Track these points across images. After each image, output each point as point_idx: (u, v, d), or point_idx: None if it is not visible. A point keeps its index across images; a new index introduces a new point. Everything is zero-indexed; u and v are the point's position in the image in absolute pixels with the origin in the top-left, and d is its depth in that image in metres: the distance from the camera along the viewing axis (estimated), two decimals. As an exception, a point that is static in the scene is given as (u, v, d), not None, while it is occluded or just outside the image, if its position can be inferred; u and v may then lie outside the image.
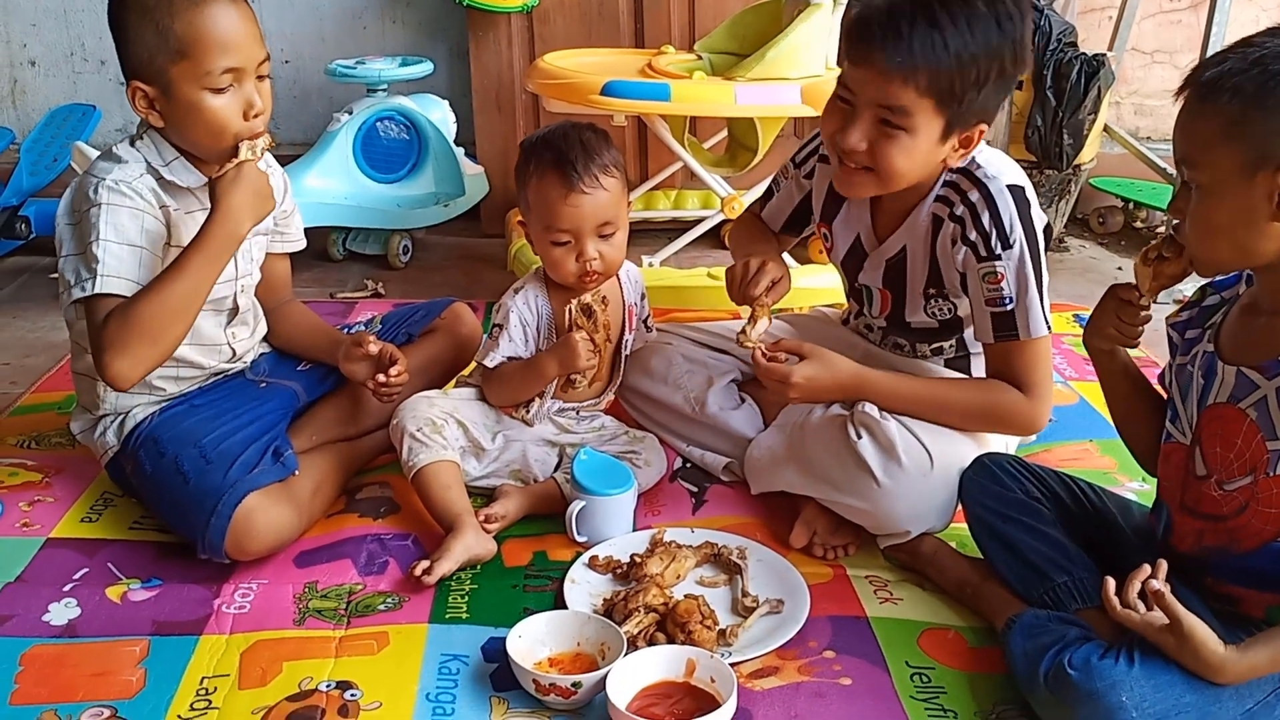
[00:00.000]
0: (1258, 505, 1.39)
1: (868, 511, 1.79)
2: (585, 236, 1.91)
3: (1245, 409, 1.39)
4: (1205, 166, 1.32)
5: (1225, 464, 1.42)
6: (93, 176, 1.77)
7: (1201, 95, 1.31)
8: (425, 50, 3.68)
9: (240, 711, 1.49)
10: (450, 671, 1.56)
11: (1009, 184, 1.75)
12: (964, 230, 1.76)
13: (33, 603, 1.70)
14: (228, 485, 1.75)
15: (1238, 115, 1.28)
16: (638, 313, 2.13)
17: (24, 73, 3.77)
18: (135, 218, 1.75)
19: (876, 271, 1.92)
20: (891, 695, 1.53)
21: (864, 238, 1.93)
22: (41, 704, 1.50)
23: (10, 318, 2.96)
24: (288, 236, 2.09)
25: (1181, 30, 3.81)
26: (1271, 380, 1.36)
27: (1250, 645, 1.33)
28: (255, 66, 1.76)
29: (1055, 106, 3.35)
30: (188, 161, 1.82)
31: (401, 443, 1.92)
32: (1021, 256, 1.73)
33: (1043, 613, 1.52)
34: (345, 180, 3.26)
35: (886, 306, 1.95)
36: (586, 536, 1.85)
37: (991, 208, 1.74)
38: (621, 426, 2.12)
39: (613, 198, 1.92)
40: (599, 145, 1.92)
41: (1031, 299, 1.74)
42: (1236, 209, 1.31)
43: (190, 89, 1.72)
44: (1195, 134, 1.32)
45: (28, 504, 1.97)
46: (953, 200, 1.78)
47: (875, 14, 1.64)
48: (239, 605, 1.71)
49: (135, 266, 1.73)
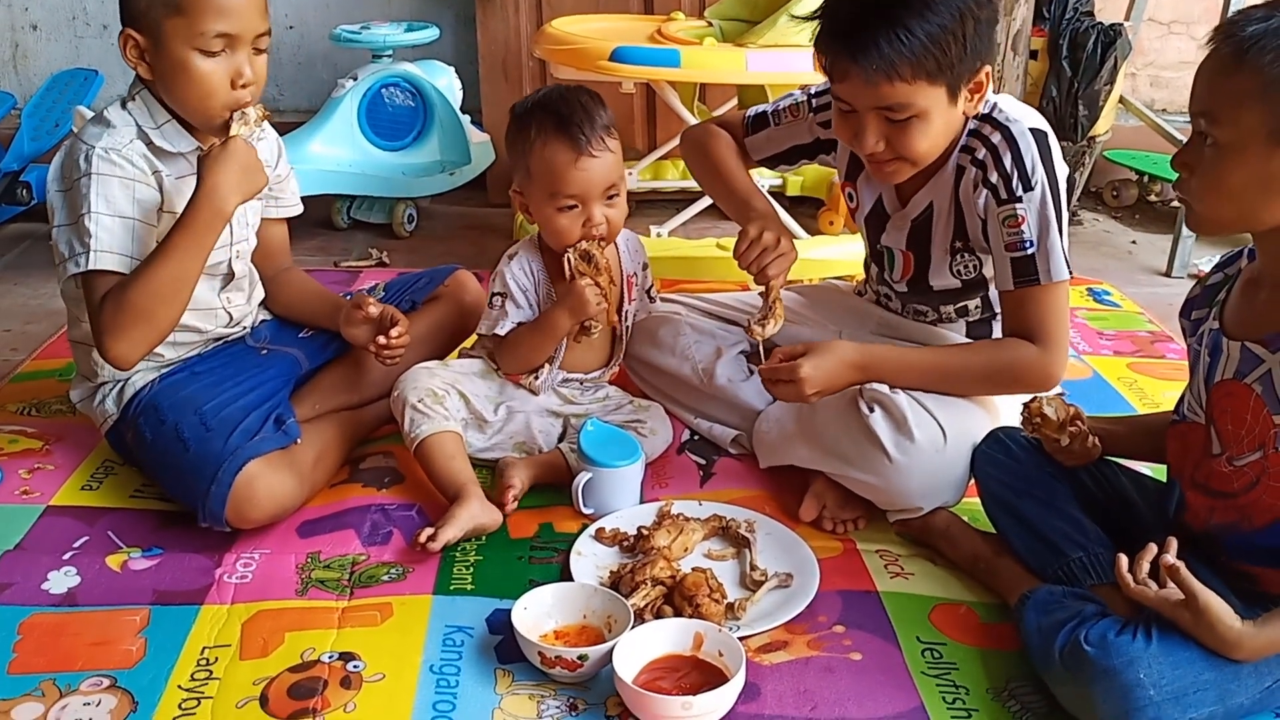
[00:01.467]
0: (1268, 480, 1.37)
1: (879, 487, 1.76)
2: (593, 201, 1.88)
3: (1251, 384, 1.37)
4: (1229, 124, 1.27)
5: (1236, 440, 1.40)
6: (82, 143, 1.74)
7: (1241, 50, 1.26)
8: (431, 16, 3.63)
9: (241, 682, 1.47)
10: (455, 643, 1.55)
11: (1031, 127, 1.73)
12: (985, 173, 1.73)
13: (32, 571, 1.69)
14: (228, 452, 1.73)
15: (1277, 79, 1.24)
16: (638, 282, 2.10)
17: (25, 37, 3.73)
18: (126, 187, 1.73)
19: (900, 233, 1.89)
20: (902, 671, 1.51)
21: (886, 199, 1.90)
22: (40, 673, 1.48)
23: (11, 284, 2.94)
24: (282, 201, 2.06)
25: (1198, 1, 3.76)
26: (1275, 354, 1.34)
27: (1267, 620, 1.32)
28: (253, 38, 1.73)
29: (1071, 77, 3.31)
30: (180, 125, 1.79)
31: (403, 414, 1.90)
32: (1043, 198, 1.70)
33: (1057, 588, 1.50)
34: (350, 148, 3.23)
35: (909, 269, 1.91)
36: (593, 508, 1.83)
37: (1013, 148, 1.72)
38: (626, 396, 2.10)
39: (617, 160, 1.90)
40: (596, 107, 1.90)
41: (1053, 242, 1.71)
42: (1253, 173, 1.28)
43: (180, 46, 1.69)
44: (1226, 89, 1.28)
45: (28, 471, 1.95)
46: (974, 146, 1.75)
47: (839, 30, 1.64)
48: (241, 575, 1.69)
49: (128, 239, 1.72)
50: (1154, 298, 2.89)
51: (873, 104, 1.65)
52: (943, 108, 1.66)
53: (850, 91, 1.66)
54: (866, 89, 1.63)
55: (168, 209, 1.78)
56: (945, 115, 1.68)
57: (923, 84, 1.62)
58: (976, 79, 1.68)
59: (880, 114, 1.66)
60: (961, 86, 1.67)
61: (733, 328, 2.14)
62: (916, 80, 1.61)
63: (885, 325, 2.01)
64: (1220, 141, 1.28)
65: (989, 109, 1.75)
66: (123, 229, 1.72)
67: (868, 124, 1.68)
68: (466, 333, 2.19)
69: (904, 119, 1.65)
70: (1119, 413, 2.13)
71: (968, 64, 1.64)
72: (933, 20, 1.59)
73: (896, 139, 1.68)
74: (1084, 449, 1.60)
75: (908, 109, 1.64)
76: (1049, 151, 1.73)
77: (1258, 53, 1.24)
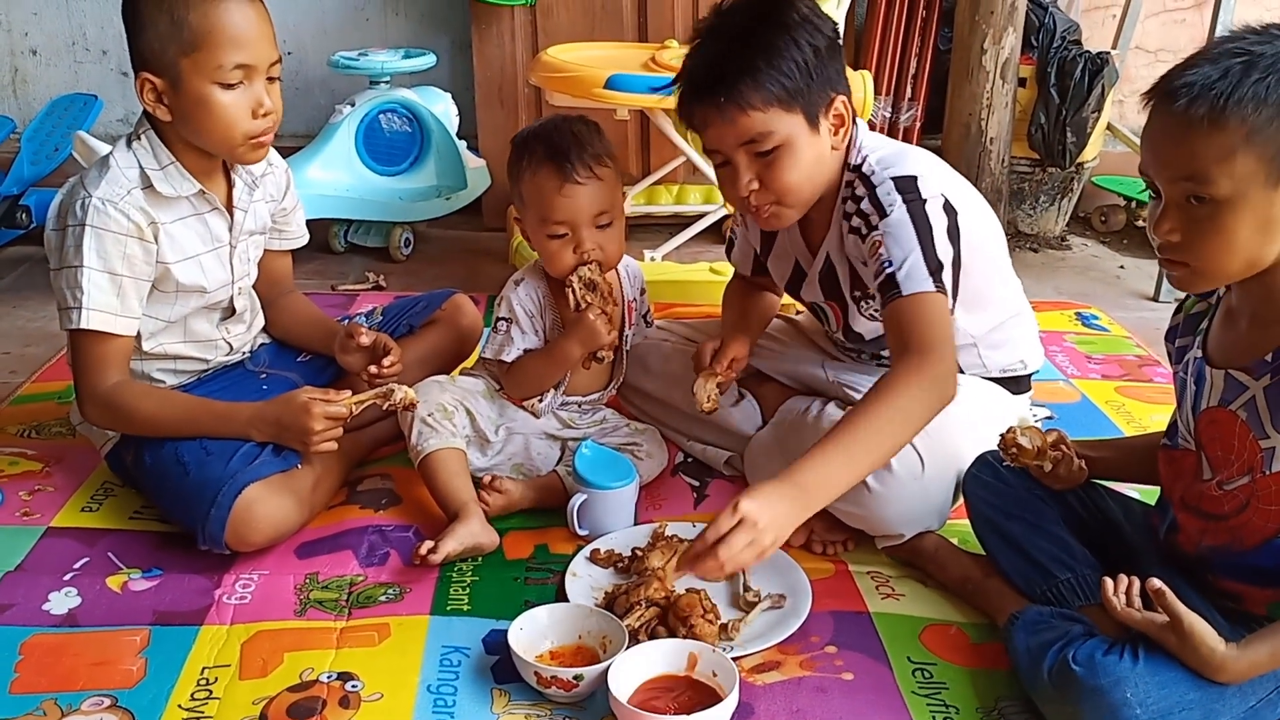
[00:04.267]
0: (1258, 503, 1.39)
1: (861, 515, 1.78)
2: (582, 227, 1.90)
3: (1235, 410, 1.39)
4: (1226, 178, 1.26)
5: (1225, 464, 1.42)
6: (82, 189, 1.77)
7: (1218, 109, 1.24)
8: (428, 43, 3.67)
9: (241, 702, 1.49)
10: (452, 663, 1.56)
11: (894, 176, 1.73)
12: (851, 221, 1.76)
13: (33, 592, 1.70)
14: (228, 476, 1.74)
15: (1263, 121, 1.23)
16: (637, 308, 2.12)
17: (25, 62, 3.76)
18: (118, 244, 1.75)
19: (815, 287, 1.92)
20: (893, 691, 1.53)
21: (801, 260, 1.94)
22: (42, 693, 1.50)
23: (11, 307, 2.96)
24: (287, 234, 2.08)
25: (1185, 29, 3.81)
26: (1259, 380, 1.36)
27: (1250, 642, 1.33)
28: (267, 66, 1.76)
29: (1059, 104, 3.35)
30: (183, 168, 1.81)
31: (411, 426, 1.91)
32: (900, 220, 1.68)
33: (1046, 609, 1.52)
34: (347, 172, 3.26)
35: (840, 320, 1.94)
36: (588, 530, 1.85)
37: (869, 189, 1.73)
38: (622, 419, 2.12)
39: (607, 187, 1.91)
40: (590, 136, 1.92)
41: (914, 260, 1.66)
42: (1258, 217, 1.27)
43: (200, 83, 1.71)
44: (1211, 149, 1.25)
45: (28, 493, 1.97)
46: (847, 197, 1.78)
47: (691, 85, 1.71)
48: (240, 596, 1.70)
49: (115, 296, 1.76)
50: (1141, 322, 2.92)
51: (736, 141, 1.68)
52: (805, 136, 1.69)
53: (717, 137, 1.70)
54: (726, 127, 1.67)
55: (161, 260, 1.81)
56: (811, 146, 1.70)
57: (776, 110, 1.65)
58: (835, 110, 1.71)
59: (748, 151, 1.68)
60: (819, 115, 1.69)
61: None
62: (769, 107, 1.65)
63: (831, 363, 2.04)
64: (1219, 197, 1.27)
65: (859, 162, 1.76)
66: (111, 285, 1.76)
67: (739, 164, 1.70)
68: (463, 356, 2.21)
69: (769, 150, 1.67)
70: (1107, 435, 2.16)
71: (817, 89, 1.67)
72: (771, 49, 1.64)
73: (768, 175, 1.69)
74: (1070, 473, 1.62)
75: (769, 137, 1.66)
76: (913, 185, 1.71)
77: (1237, 106, 1.24)
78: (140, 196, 1.78)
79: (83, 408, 1.84)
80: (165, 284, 1.83)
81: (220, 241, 1.89)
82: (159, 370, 1.92)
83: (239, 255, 1.92)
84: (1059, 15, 3.41)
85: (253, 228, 1.95)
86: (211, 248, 1.88)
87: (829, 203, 1.80)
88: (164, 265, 1.81)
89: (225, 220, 1.89)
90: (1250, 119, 1.24)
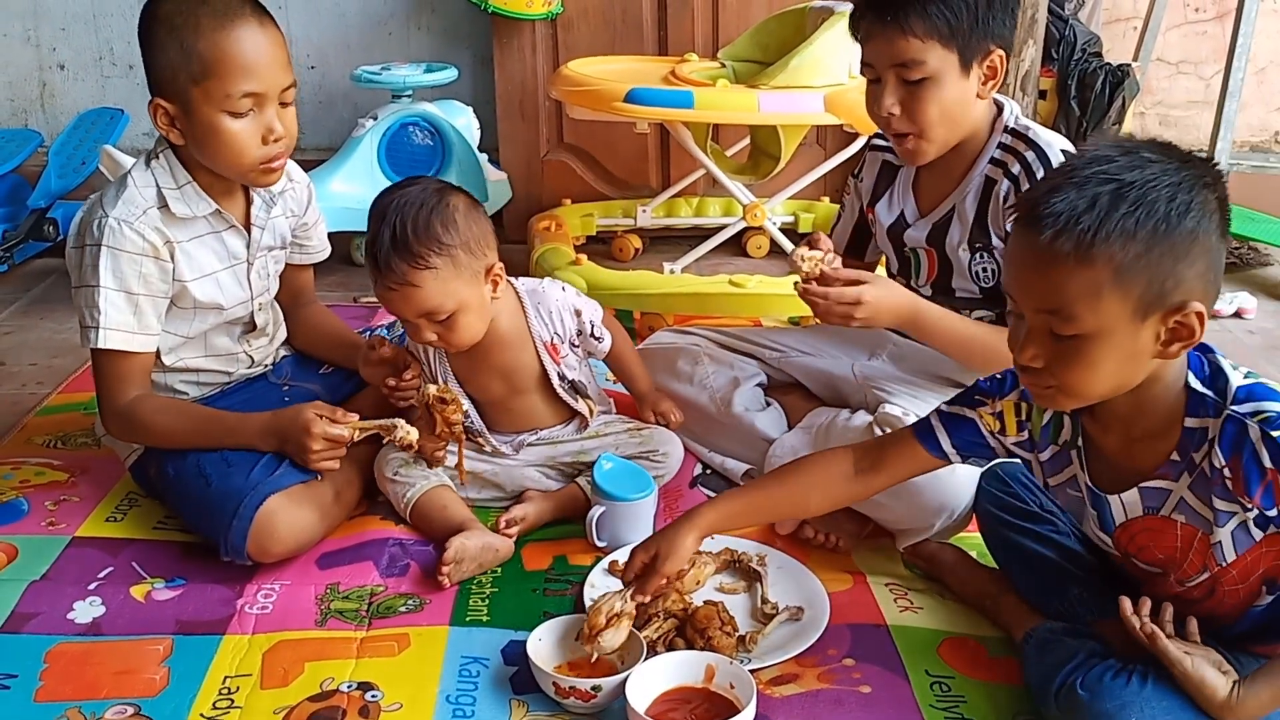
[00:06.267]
0: (1223, 589, 1.39)
1: (889, 505, 1.79)
2: (412, 323, 1.83)
3: (1170, 515, 1.36)
4: (1089, 316, 1.22)
5: (1176, 564, 1.40)
6: (100, 209, 1.79)
7: (1085, 245, 1.20)
8: (450, 57, 3.70)
9: (262, 711, 1.50)
10: (470, 674, 1.57)
11: (1064, 149, 1.82)
12: (1019, 187, 1.81)
13: (58, 601, 1.72)
14: (250, 487, 1.76)
15: (1131, 261, 1.20)
16: (564, 340, 1.97)
17: (53, 76, 3.81)
18: (134, 264, 1.78)
19: (921, 233, 1.96)
20: (911, 704, 1.53)
21: (907, 213, 1.99)
22: (66, 701, 1.51)
23: (38, 319, 2.99)
24: (308, 249, 2.10)
25: (1207, 41, 3.80)
26: (1179, 480, 1.34)
27: (1254, 682, 1.32)
28: (279, 92, 1.76)
29: (1079, 117, 3.35)
30: (199, 188, 1.83)
31: (388, 490, 1.93)
32: None
33: (1058, 625, 1.51)
34: (370, 186, 3.27)
35: (934, 270, 1.96)
36: (606, 541, 1.86)
37: (1048, 167, 1.79)
38: (622, 421, 2.08)
39: (432, 288, 1.77)
40: (424, 228, 1.75)
41: None
42: (1124, 351, 1.25)
43: (209, 110, 1.72)
44: (1077, 286, 1.21)
45: (53, 503, 1.99)
46: (1008, 161, 1.84)
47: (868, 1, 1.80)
48: (261, 605, 1.72)
49: (132, 315, 1.79)
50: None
51: (890, 61, 1.77)
52: (955, 76, 1.77)
53: (873, 52, 1.80)
54: (885, 45, 1.77)
55: (178, 278, 1.83)
56: (958, 86, 1.78)
57: (934, 44, 1.74)
58: (990, 61, 1.79)
59: (897, 74, 1.78)
60: (974, 61, 1.78)
61: (750, 360, 2.18)
62: (928, 39, 1.74)
63: (897, 355, 2.05)
64: (1084, 333, 1.24)
65: (1022, 129, 1.84)
66: (127, 304, 1.78)
67: (886, 84, 1.79)
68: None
69: (918, 80, 1.77)
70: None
71: (978, 36, 1.76)
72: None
73: (910, 103, 1.79)
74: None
75: (920, 67, 1.75)
76: None
77: (1104, 243, 1.19)
78: (156, 216, 1.79)
79: (105, 422, 1.87)
80: (183, 301, 1.86)
81: (237, 259, 1.91)
82: (182, 382, 1.95)
83: (256, 271, 1.94)
84: (1079, 27, 3.40)
85: (271, 243, 1.96)
86: (228, 265, 1.90)
87: (967, 154, 1.87)
88: (181, 283, 1.83)
89: (243, 238, 1.91)
90: (1118, 256, 1.20)
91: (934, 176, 1.93)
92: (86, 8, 3.74)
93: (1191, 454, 1.31)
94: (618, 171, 3.50)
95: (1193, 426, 1.31)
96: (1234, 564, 1.35)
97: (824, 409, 2.02)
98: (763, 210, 2.91)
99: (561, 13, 3.38)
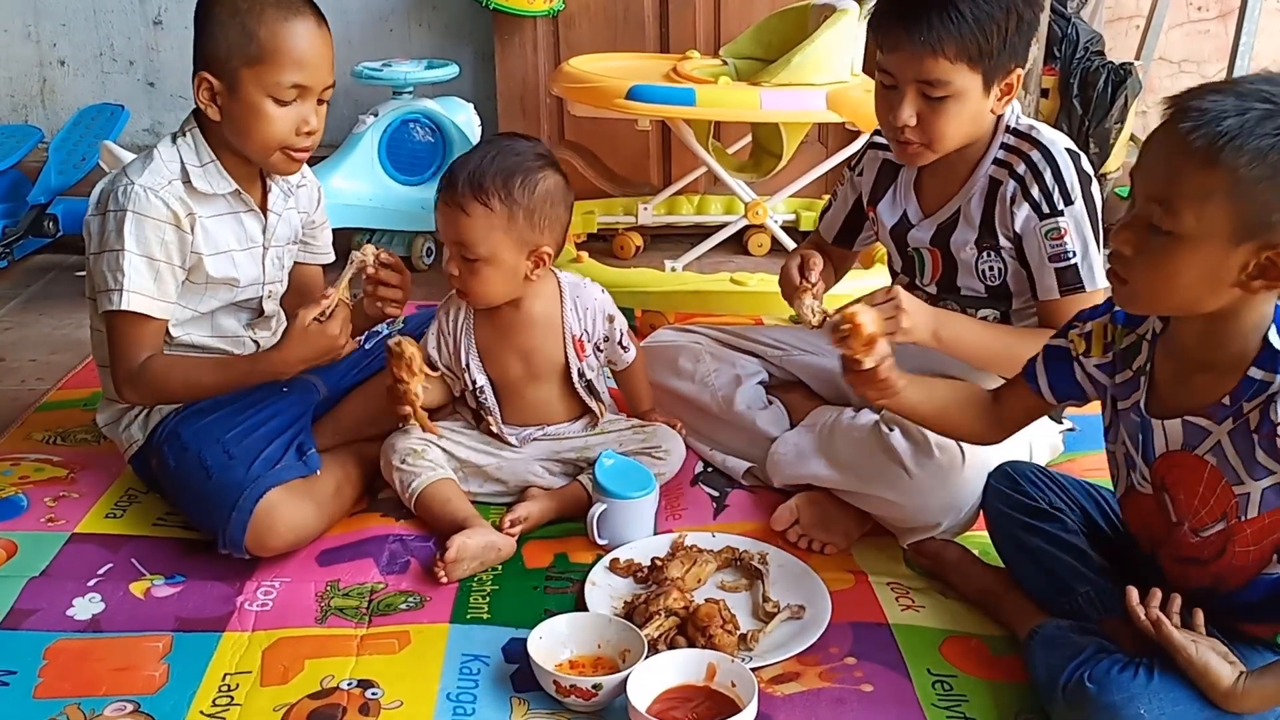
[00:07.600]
0: (1235, 547, 1.38)
1: (896, 503, 1.79)
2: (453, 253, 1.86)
3: (1204, 455, 1.36)
4: (1190, 217, 1.22)
5: (1194, 511, 1.40)
6: (125, 177, 1.81)
7: (1216, 147, 1.19)
8: (451, 53, 3.69)
9: (262, 708, 1.50)
10: (471, 671, 1.57)
11: (1067, 148, 1.82)
12: (1025, 187, 1.81)
13: (57, 597, 1.72)
14: (250, 480, 1.76)
15: (1252, 180, 1.18)
16: (591, 339, 1.99)
17: (53, 72, 3.80)
18: (157, 230, 1.79)
19: (926, 233, 1.95)
20: (913, 703, 1.52)
21: (910, 213, 1.97)
22: (65, 697, 1.51)
23: (37, 314, 2.99)
24: (314, 249, 2.12)
25: (1209, 40, 3.80)
26: (1221, 425, 1.33)
27: (1261, 675, 1.32)
28: (320, 90, 1.82)
29: (1082, 115, 3.34)
30: (222, 167, 1.85)
31: (393, 478, 1.93)
32: (1082, 214, 1.80)
33: (1065, 623, 1.51)
34: (370, 182, 3.28)
35: (938, 269, 1.95)
36: (608, 539, 1.86)
37: (1054, 166, 1.80)
38: (624, 419, 2.08)
39: (477, 222, 1.83)
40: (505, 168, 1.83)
41: (1094, 254, 1.80)
42: (1207, 268, 1.23)
43: (256, 93, 1.77)
44: (1193, 183, 1.21)
45: (53, 499, 1.99)
46: (1012, 161, 1.83)
47: (897, 4, 1.76)
48: (261, 603, 1.71)
49: (153, 281, 1.80)
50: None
51: (915, 76, 1.75)
52: (976, 96, 1.77)
53: (898, 63, 1.77)
54: (912, 60, 1.74)
55: (195, 250, 1.84)
56: (976, 105, 1.78)
57: (963, 66, 1.73)
58: (1008, 79, 1.78)
59: (919, 89, 1.76)
60: (995, 81, 1.77)
61: (752, 358, 2.17)
62: (958, 61, 1.72)
63: (903, 355, 2.04)
64: (1178, 233, 1.23)
65: (1025, 128, 1.83)
66: (149, 269, 1.79)
67: (906, 96, 1.77)
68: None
69: (940, 97, 1.75)
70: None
71: (1004, 59, 1.75)
72: (983, 7, 1.71)
73: (928, 117, 1.77)
74: (882, 380, 1.57)
75: (946, 87, 1.74)
76: (1085, 171, 1.82)
77: (1234, 152, 1.18)
78: (180, 188, 1.82)
79: (120, 389, 1.85)
80: (196, 275, 1.87)
81: (254, 242, 1.93)
82: None
83: (271, 258, 1.95)
84: (1082, 26, 3.40)
85: (286, 234, 1.99)
86: (246, 246, 1.92)
87: (964, 168, 1.87)
88: (198, 255, 1.84)
89: (260, 221, 1.93)
90: (1241, 170, 1.19)
91: (936, 177, 1.92)
92: (87, 4, 3.73)
93: (1243, 402, 1.31)
94: (619, 169, 3.49)
95: (1255, 377, 1.30)
96: (1253, 521, 1.35)
97: (827, 407, 2.02)
98: (764, 208, 2.91)
99: (563, 9, 3.38)
